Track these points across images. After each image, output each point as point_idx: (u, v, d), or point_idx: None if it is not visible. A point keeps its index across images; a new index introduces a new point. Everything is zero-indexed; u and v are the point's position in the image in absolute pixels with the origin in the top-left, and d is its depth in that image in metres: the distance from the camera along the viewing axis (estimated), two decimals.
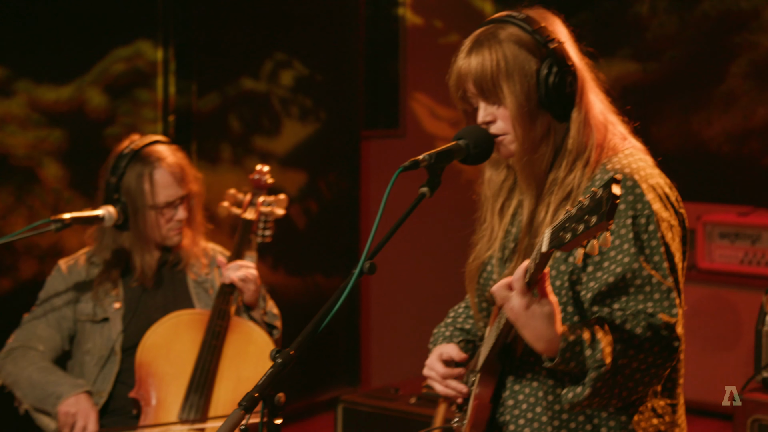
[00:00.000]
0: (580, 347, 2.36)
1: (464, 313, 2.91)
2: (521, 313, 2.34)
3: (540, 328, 2.35)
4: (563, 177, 2.54)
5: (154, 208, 3.71)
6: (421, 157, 2.39)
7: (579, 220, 2.10)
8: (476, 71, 2.51)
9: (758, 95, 6.51)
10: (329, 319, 2.24)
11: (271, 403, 2.14)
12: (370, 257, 2.28)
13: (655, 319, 2.41)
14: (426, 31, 7.00)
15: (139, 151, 3.75)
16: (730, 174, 6.64)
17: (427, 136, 6.96)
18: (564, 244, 2.13)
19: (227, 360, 3.64)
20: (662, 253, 2.44)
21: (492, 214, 2.70)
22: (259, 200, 3.89)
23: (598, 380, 2.37)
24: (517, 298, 2.34)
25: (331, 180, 6.36)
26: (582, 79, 2.56)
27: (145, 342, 3.64)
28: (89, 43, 5.12)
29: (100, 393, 3.69)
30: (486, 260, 2.70)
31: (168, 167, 3.74)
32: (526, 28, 2.52)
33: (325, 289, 6.31)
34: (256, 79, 5.90)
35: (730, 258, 5.98)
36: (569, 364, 2.38)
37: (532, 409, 2.57)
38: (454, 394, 2.72)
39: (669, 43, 6.77)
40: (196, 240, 3.86)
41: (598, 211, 2.06)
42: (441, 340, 2.85)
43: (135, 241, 3.74)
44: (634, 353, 2.39)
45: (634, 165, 2.51)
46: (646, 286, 2.44)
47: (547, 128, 2.55)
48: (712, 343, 5.90)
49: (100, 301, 3.74)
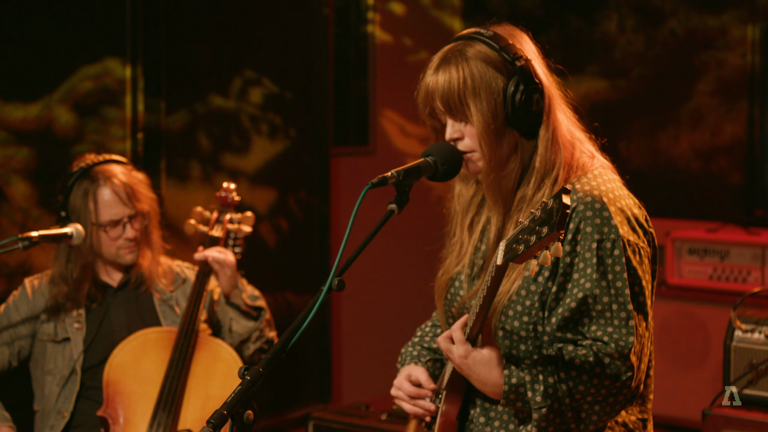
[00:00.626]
0: (524, 389, 2.43)
1: (431, 332, 2.91)
2: (462, 363, 2.45)
3: (482, 375, 2.45)
4: (531, 195, 2.55)
5: (98, 225, 3.72)
6: (390, 174, 2.40)
7: (531, 231, 2.12)
8: (443, 88, 2.51)
9: (725, 112, 6.55)
10: (297, 337, 2.23)
11: (239, 421, 2.13)
12: (339, 274, 2.28)
13: (607, 349, 2.43)
14: (395, 49, 7.01)
15: (88, 169, 3.78)
16: (698, 190, 6.67)
17: (397, 153, 6.96)
18: (518, 255, 2.15)
19: (195, 378, 3.63)
20: (625, 279, 2.45)
21: (461, 229, 2.71)
22: (225, 218, 3.89)
23: (542, 420, 2.43)
24: (457, 348, 2.45)
25: (301, 197, 6.35)
26: (549, 96, 2.56)
27: (113, 360, 3.63)
28: (57, 60, 5.10)
29: (62, 412, 3.66)
30: (454, 276, 2.71)
31: (113, 186, 3.74)
32: (493, 46, 2.52)
33: (296, 307, 6.30)
34: (225, 97, 5.89)
35: (698, 274, 6.01)
36: (516, 405, 2.45)
37: (506, 426, 2.57)
38: (422, 413, 2.73)
39: (637, 60, 6.81)
40: (156, 259, 3.86)
41: (549, 221, 2.08)
42: (409, 359, 2.85)
43: (87, 258, 3.75)
44: (584, 389, 2.42)
45: (603, 187, 2.52)
46: (606, 312, 2.45)
47: (514, 146, 2.55)
48: (681, 359, 5.92)
49: (61, 321, 3.73)
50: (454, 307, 2.69)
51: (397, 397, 2.76)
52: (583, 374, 2.42)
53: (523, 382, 2.42)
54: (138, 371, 3.62)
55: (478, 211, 2.70)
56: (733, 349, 3.76)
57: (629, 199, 2.56)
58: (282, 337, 2.24)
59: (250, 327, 3.84)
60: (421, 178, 2.48)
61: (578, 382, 2.42)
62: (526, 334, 2.50)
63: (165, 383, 3.59)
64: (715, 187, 6.62)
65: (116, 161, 3.84)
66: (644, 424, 2.62)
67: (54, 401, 3.67)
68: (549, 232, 2.07)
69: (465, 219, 2.71)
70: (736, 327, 3.77)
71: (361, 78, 6.93)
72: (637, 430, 2.60)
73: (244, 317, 3.85)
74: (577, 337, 2.45)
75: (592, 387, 2.43)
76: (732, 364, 3.76)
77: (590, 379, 2.42)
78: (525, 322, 2.50)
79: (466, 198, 2.71)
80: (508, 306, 2.51)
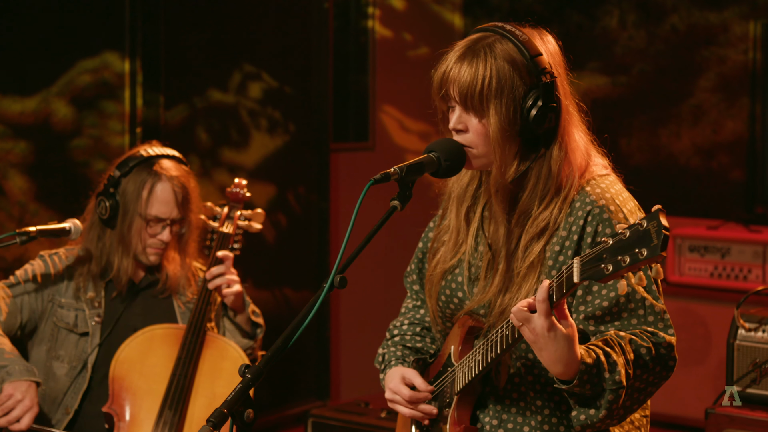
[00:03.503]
0: (598, 370, 2.34)
1: (410, 331, 2.87)
2: (542, 335, 2.28)
3: (560, 351, 2.30)
4: (538, 212, 2.51)
5: (142, 217, 3.67)
6: (392, 170, 2.36)
7: (622, 251, 2.07)
8: (466, 81, 2.46)
9: (727, 109, 6.53)
10: (299, 334, 2.21)
11: (240, 420, 2.11)
12: (341, 271, 2.26)
13: (658, 338, 2.41)
14: (395, 44, 6.99)
15: (153, 158, 3.72)
16: (699, 187, 6.66)
17: (396, 149, 6.94)
18: (605, 276, 2.10)
19: (202, 376, 3.61)
20: (650, 276, 2.42)
21: (458, 217, 2.67)
22: (236, 214, 3.86)
23: (615, 402, 2.35)
24: (540, 320, 2.28)
25: (300, 192, 6.33)
26: (566, 116, 2.51)
27: (119, 355, 3.60)
28: (55, 54, 5.08)
29: (67, 409, 3.64)
30: (449, 269, 2.67)
31: (173, 185, 3.70)
32: (524, 53, 2.46)
33: (294, 303, 6.28)
34: (224, 91, 5.86)
35: (699, 271, 5.99)
36: (585, 387, 2.35)
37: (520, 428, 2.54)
38: (422, 416, 2.69)
39: (638, 56, 6.79)
40: (185, 267, 3.81)
41: (648, 243, 2.02)
42: (394, 360, 2.81)
43: (115, 242, 3.70)
44: (639, 373, 2.39)
45: (612, 189, 2.51)
46: (639, 309, 2.43)
47: (516, 155, 2.51)
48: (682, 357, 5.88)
49: (82, 312, 3.68)
50: (450, 307, 2.66)
51: (394, 401, 2.71)
52: (649, 362, 2.40)
53: (599, 362, 2.34)
54: (144, 367, 3.60)
55: (473, 203, 2.66)
56: (737, 348, 3.74)
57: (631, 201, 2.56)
58: (283, 335, 2.22)
59: (244, 344, 3.82)
60: (423, 174, 2.44)
61: (644, 370, 2.40)
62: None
63: (172, 381, 3.56)
64: (716, 185, 6.60)
65: (181, 160, 3.80)
66: (646, 421, 2.62)
67: (62, 394, 3.64)
68: (650, 255, 2.02)
69: (461, 208, 2.67)
70: (739, 325, 3.75)
71: (360, 73, 6.91)
72: (643, 428, 2.60)
73: (240, 334, 3.83)
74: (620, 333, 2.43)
75: (651, 375, 2.41)
76: (735, 362, 3.74)
77: (654, 366, 2.42)
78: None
79: (462, 186, 2.67)
80: None
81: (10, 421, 3.40)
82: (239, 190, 3.90)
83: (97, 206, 3.72)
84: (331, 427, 4.79)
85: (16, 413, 3.41)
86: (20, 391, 3.43)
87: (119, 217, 3.69)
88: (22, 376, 3.45)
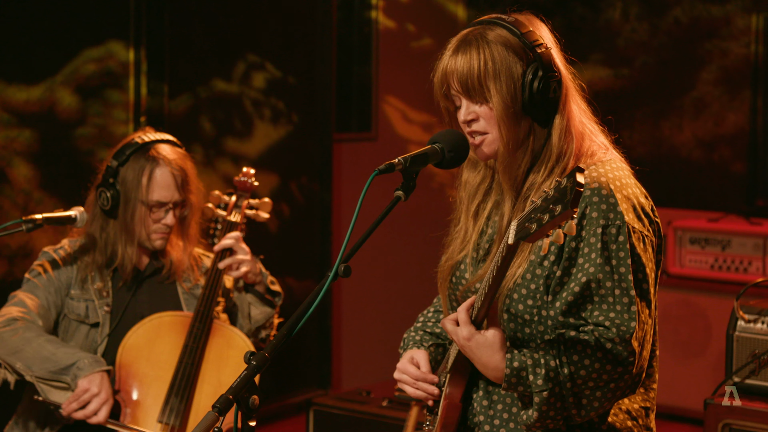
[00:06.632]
0: (525, 372, 2.43)
1: (434, 317, 2.91)
2: (465, 344, 2.46)
3: (485, 358, 2.46)
4: (541, 182, 2.55)
5: (144, 203, 3.69)
6: (397, 161, 2.39)
7: (544, 210, 2.12)
8: (462, 70, 2.51)
9: (728, 102, 6.54)
10: (304, 321, 2.23)
11: (245, 406, 2.13)
12: (345, 260, 2.28)
13: (609, 334, 2.43)
14: (398, 35, 7.00)
15: (148, 144, 3.73)
16: (700, 180, 6.67)
17: (399, 140, 6.96)
18: (530, 234, 2.15)
19: (208, 364, 3.62)
20: (629, 264, 2.45)
21: (466, 216, 2.70)
22: (244, 203, 3.87)
23: (543, 404, 2.42)
24: (462, 329, 2.46)
25: (302, 183, 6.35)
26: (566, 86, 2.56)
27: (126, 342, 3.61)
28: (60, 43, 5.09)
29: None
30: (458, 261, 2.71)
31: (171, 169, 3.70)
32: (514, 31, 2.52)
33: (297, 292, 6.30)
34: (228, 81, 5.88)
35: (700, 263, 6.01)
36: (517, 389, 2.45)
37: (509, 409, 2.57)
38: (425, 396, 2.72)
39: (640, 49, 6.80)
40: (188, 251, 3.82)
41: (562, 200, 2.08)
42: (411, 344, 2.85)
43: (119, 232, 3.72)
44: (585, 374, 2.42)
45: (611, 174, 2.52)
46: (609, 297, 2.45)
47: (528, 131, 2.55)
48: (681, 348, 5.92)
49: (91, 302, 3.70)
50: (458, 291, 2.69)
51: (401, 381, 2.76)
52: (584, 359, 2.42)
53: (525, 365, 2.42)
54: (152, 354, 3.61)
55: (484, 198, 2.70)
56: (736, 339, 3.76)
57: (636, 188, 2.56)
58: (287, 323, 2.24)
59: (267, 313, 3.84)
60: (427, 165, 2.47)
61: (580, 366, 2.42)
62: (530, 318, 2.51)
63: (179, 369, 3.58)
64: (718, 177, 6.62)
65: (176, 143, 3.81)
66: (647, 412, 2.62)
67: None
68: (563, 211, 2.07)
69: (471, 206, 2.70)
70: (739, 317, 3.77)
71: (364, 64, 6.92)
72: (640, 418, 2.60)
73: (262, 303, 3.84)
74: (580, 323, 2.46)
75: (594, 372, 2.42)
76: (734, 354, 3.75)
77: (592, 363, 2.42)
78: (530, 305, 2.50)
79: (473, 185, 2.71)
80: (513, 289, 2.51)
81: (87, 414, 3.44)
82: (247, 179, 3.90)
83: (98, 198, 3.71)
84: (332, 416, 4.81)
85: (92, 407, 3.45)
86: (95, 384, 3.45)
87: (121, 206, 3.70)
88: (93, 368, 3.48)
